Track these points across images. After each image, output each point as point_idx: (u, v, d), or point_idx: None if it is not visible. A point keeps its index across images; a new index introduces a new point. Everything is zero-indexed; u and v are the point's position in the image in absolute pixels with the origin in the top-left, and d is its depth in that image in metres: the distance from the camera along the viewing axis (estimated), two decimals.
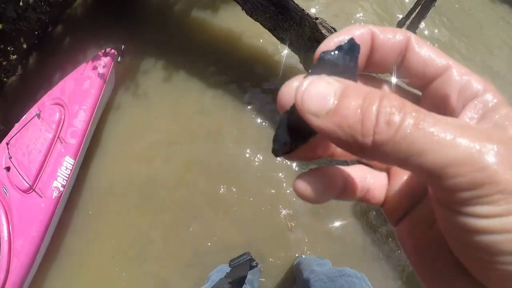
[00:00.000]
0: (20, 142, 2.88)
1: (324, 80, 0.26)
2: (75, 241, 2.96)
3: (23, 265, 2.66)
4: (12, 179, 2.78)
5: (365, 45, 0.31)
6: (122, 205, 2.97)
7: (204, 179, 2.88)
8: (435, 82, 0.31)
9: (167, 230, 2.82)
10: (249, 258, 2.10)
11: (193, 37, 3.35)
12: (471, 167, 0.20)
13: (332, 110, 0.24)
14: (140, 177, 3.00)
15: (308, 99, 0.25)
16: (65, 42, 3.68)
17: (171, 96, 3.20)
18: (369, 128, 0.23)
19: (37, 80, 3.40)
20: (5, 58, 3.68)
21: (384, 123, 0.22)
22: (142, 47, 3.40)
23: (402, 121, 0.22)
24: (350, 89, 0.24)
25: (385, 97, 0.23)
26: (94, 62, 3.03)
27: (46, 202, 2.73)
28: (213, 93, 3.13)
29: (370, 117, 0.23)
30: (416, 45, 0.31)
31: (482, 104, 0.28)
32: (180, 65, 3.27)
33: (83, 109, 2.88)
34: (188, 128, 3.07)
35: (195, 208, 2.82)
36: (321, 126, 0.24)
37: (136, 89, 3.27)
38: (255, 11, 2.56)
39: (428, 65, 0.30)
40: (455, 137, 0.21)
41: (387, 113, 0.22)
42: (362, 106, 0.23)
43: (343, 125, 0.24)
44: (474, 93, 0.28)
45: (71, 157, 2.82)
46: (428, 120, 0.22)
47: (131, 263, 2.80)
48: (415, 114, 0.22)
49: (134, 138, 3.16)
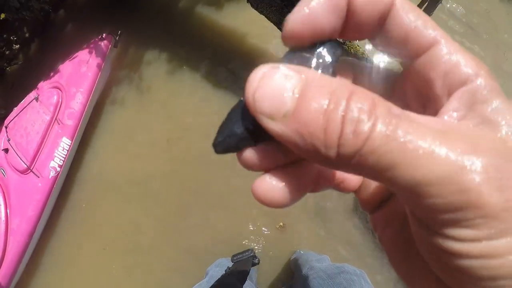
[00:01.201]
0: (18, 125, 2.93)
1: (281, 71, 0.21)
2: (69, 229, 3.02)
3: (20, 244, 2.69)
4: (10, 161, 2.83)
5: (342, 8, 0.25)
6: (116, 196, 3.01)
7: (203, 173, 2.89)
8: (418, 59, 0.26)
9: (160, 223, 2.84)
10: (252, 254, 2.09)
11: (197, 33, 3.36)
12: (451, 187, 0.17)
13: (290, 113, 0.20)
14: (135, 170, 3.03)
15: (260, 97, 0.21)
16: (66, 30, 3.74)
17: (172, 90, 3.22)
18: (333, 139, 0.19)
19: (38, 68, 3.45)
20: (8, 48, 3.75)
21: (350, 133, 0.19)
22: (145, 38, 3.42)
23: (372, 130, 0.19)
24: (312, 85, 0.21)
25: (353, 95, 0.20)
26: (91, 47, 3.07)
27: (43, 182, 2.76)
28: (216, 90, 3.13)
29: (334, 124, 0.19)
30: (400, 9, 0.25)
31: (471, 94, 0.23)
32: (183, 59, 3.28)
33: (80, 91, 2.92)
34: (188, 123, 3.09)
35: (191, 201, 2.84)
36: (277, 132, 0.21)
37: (138, 81, 3.30)
38: (260, 3, 2.52)
39: (412, 36, 0.25)
40: (434, 150, 0.18)
41: (354, 120, 0.19)
42: (326, 110, 0.20)
43: (302, 133, 0.20)
44: (463, 79, 0.24)
45: (68, 137, 2.85)
46: (403, 126, 0.19)
47: (124, 254, 2.85)
48: (387, 119, 0.19)
49: (131, 130, 3.18)
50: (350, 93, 0.20)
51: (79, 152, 3.11)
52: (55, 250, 2.96)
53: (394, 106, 0.20)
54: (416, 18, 0.25)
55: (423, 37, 0.25)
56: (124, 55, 3.41)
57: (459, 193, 0.17)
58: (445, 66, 0.24)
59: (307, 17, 0.24)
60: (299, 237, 2.57)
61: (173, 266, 2.71)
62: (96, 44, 3.07)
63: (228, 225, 2.70)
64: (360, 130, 0.19)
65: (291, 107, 0.20)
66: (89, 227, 2.98)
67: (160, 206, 2.89)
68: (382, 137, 0.18)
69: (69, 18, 3.80)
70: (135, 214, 2.91)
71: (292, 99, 0.20)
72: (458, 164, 0.18)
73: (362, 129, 0.19)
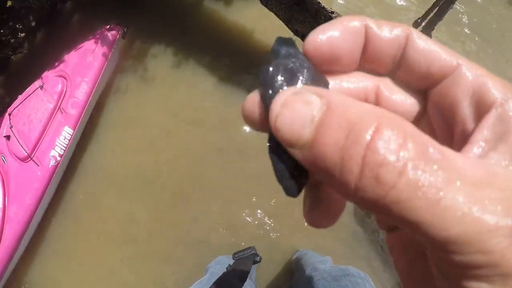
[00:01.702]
0: (22, 113, 2.90)
1: (302, 98, 0.21)
2: (66, 219, 2.99)
3: (15, 232, 2.66)
4: (11, 148, 2.80)
5: (358, 40, 0.25)
6: (114, 187, 3.00)
7: (204, 167, 2.88)
8: (441, 84, 0.25)
9: (158, 215, 2.84)
10: (254, 252, 2.07)
11: (205, 27, 3.35)
12: (476, 248, 0.17)
13: (308, 144, 0.20)
14: (134, 162, 3.01)
15: (281, 126, 0.21)
16: (73, 20, 3.71)
17: (176, 83, 3.21)
18: (349, 180, 0.18)
19: (44, 57, 3.41)
20: (13, 36, 3.72)
21: (370, 179, 0.17)
22: (152, 31, 3.41)
23: (399, 177, 0.17)
24: (332, 114, 0.19)
25: (379, 132, 0.18)
26: (98, 36, 3.05)
27: (43, 170, 2.73)
28: (220, 84, 3.13)
29: (351, 165, 0.18)
30: (417, 39, 0.25)
31: (501, 121, 0.22)
32: (189, 53, 3.27)
33: (85, 81, 2.89)
34: (189, 116, 3.08)
35: (190, 194, 2.83)
36: (300, 159, 0.20)
37: (143, 73, 3.28)
38: (270, 0, 2.53)
39: (433, 61, 0.25)
40: (466, 209, 0.17)
41: (378, 163, 0.17)
42: (344, 145, 0.18)
43: (319, 166, 0.19)
44: (490, 102, 0.22)
45: (70, 127, 2.82)
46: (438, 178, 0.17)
47: (120, 245, 2.84)
48: (421, 165, 0.17)
49: (133, 122, 3.17)
50: (377, 124, 0.18)
51: (80, 142, 3.08)
52: (51, 240, 2.93)
53: (431, 143, 0.18)
54: (434, 44, 0.25)
55: (444, 60, 0.25)
56: (130, 47, 3.38)
57: (483, 253, 0.17)
58: (471, 88, 0.23)
59: (324, 43, 0.25)
60: (300, 237, 2.55)
61: (170, 258, 2.70)
62: (104, 34, 3.06)
63: (228, 218, 2.69)
64: (384, 177, 0.17)
65: (308, 138, 0.20)
66: (86, 217, 2.95)
67: (158, 198, 2.87)
68: (411, 189, 0.17)
69: (76, 8, 3.77)
70: (133, 206, 2.89)
71: (310, 130, 0.20)
72: (487, 226, 0.17)
73: (387, 177, 0.17)
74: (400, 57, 0.26)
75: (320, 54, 0.25)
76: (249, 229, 2.63)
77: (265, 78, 0.24)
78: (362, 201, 0.18)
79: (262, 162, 2.72)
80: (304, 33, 2.52)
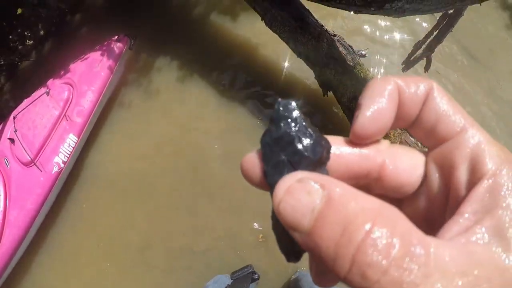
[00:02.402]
0: (26, 117, 2.92)
1: (305, 188, 0.22)
2: (66, 226, 2.99)
3: (15, 236, 2.67)
4: (14, 152, 2.81)
5: (394, 102, 0.27)
6: (116, 197, 3.01)
7: (205, 180, 2.92)
8: (444, 144, 0.27)
9: (158, 226, 2.85)
10: (251, 271, 2.08)
11: (210, 41, 3.42)
12: None
13: (307, 232, 0.21)
14: (137, 173, 3.04)
15: (284, 212, 0.22)
16: (81, 31, 3.77)
17: (179, 97, 3.27)
18: (340, 271, 0.20)
19: (50, 66, 3.44)
20: (21, 43, 3.77)
21: (358, 275, 0.19)
22: (158, 44, 3.47)
23: (381, 277, 0.19)
24: (331, 208, 0.21)
25: (371, 233, 0.19)
26: (106, 47, 3.11)
27: (45, 176, 2.75)
28: (222, 99, 3.18)
29: (343, 261, 0.20)
30: (436, 94, 0.27)
31: (490, 194, 0.23)
32: (193, 67, 3.33)
33: (91, 90, 2.94)
34: (192, 129, 3.13)
35: (192, 207, 2.86)
36: (299, 241, 0.22)
37: (147, 86, 3.33)
38: (274, 22, 2.59)
39: (441, 121, 0.27)
40: None
41: (366, 264, 0.19)
42: (339, 241, 0.20)
43: (315, 253, 0.21)
44: (484, 172, 0.24)
45: (75, 135, 2.86)
46: (416, 276, 0.19)
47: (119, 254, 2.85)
48: (404, 264, 0.19)
49: (136, 133, 3.20)
50: (371, 224, 0.20)
51: (83, 150, 3.10)
52: (50, 247, 2.92)
53: (417, 239, 0.20)
54: (448, 105, 0.27)
55: (452, 123, 0.26)
56: (136, 60, 3.45)
57: None
58: (470, 153, 0.25)
59: (375, 116, 0.27)
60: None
61: (169, 271, 2.71)
62: (111, 44, 3.12)
63: (229, 234, 2.71)
64: (369, 275, 0.19)
65: (307, 227, 0.21)
66: (86, 225, 2.96)
67: (160, 210, 2.89)
68: (393, 285, 0.19)
69: (85, 20, 3.84)
70: (134, 216, 2.92)
71: (310, 219, 0.21)
72: None
73: (372, 275, 0.19)
74: (419, 111, 0.28)
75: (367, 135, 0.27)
76: (249, 245, 2.65)
77: (265, 149, 0.26)
78: (351, 285, 0.20)
79: None
80: (307, 54, 2.58)
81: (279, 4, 2.54)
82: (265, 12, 2.60)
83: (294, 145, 0.25)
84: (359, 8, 2.10)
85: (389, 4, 1.94)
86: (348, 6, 2.14)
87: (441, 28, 2.53)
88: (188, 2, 3.65)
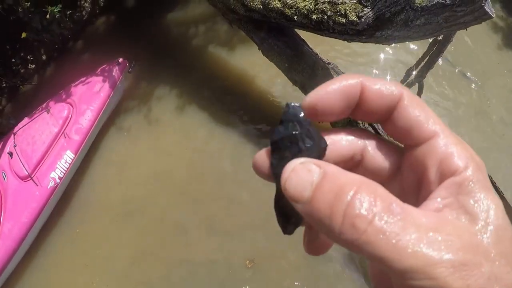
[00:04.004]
0: (26, 133, 3.03)
1: (306, 167, 0.28)
2: (59, 243, 3.04)
3: (7, 248, 2.70)
4: (13, 166, 2.89)
5: (354, 96, 0.31)
6: (108, 220, 3.07)
7: (202, 209, 3.00)
8: (416, 148, 0.31)
9: (148, 252, 2.91)
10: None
11: (209, 71, 3.57)
12: (425, 275, 0.22)
13: (308, 201, 0.26)
14: (131, 198, 3.12)
15: (289, 187, 0.27)
16: (82, 57, 3.93)
17: (179, 125, 3.39)
18: (335, 227, 0.24)
19: (51, 90, 3.53)
20: (23, 66, 3.90)
21: (349, 226, 0.24)
22: (158, 72, 3.63)
23: (367, 227, 0.23)
24: (326, 181, 0.26)
25: (359, 190, 0.25)
26: (106, 69, 3.26)
27: (41, 191, 2.82)
28: (221, 129, 3.29)
29: (337, 216, 0.24)
30: (407, 102, 0.31)
31: (458, 184, 0.28)
32: (193, 96, 3.47)
33: (90, 109, 3.06)
34: (189, 158, 3.23)
35: (183, 235, 2.93)
36: (301, 212, 0.27)
37: (147, 112, 3.46)
38: (270, 51, 2.68)
39: (414, 128, 0.30)
40: (418, 248, 0.22)
41: (354, 215, 0.24)
42: (333, 203, 0.25)
43: (315, 217, 0.26)
44: (454, 169, 0.28)
45: (72, 152, 2.95)
46: (396, 225, 0.23)
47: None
48: (385, 216, 0.23)
49: (133, 159, 3.31)
50: (356, 188, 0.25)
51: (79, 171, 3.19)
52: (42, 260, 2.94)
53: (395, 201, 0.25)
54: (421, 112, 0.30)
55: (425, 129, 0.30)
56: (136, 87, 3.60)
57: (431, 280, 0.22)
58: (440, 157, 0.29)
59: (321, 99, 0.31)
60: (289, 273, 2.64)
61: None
62: (112, 66, 3.27)
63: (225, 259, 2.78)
64: (358, 225, 0.23)
65: (308, 197, 0.26)
66: (78, 244, 3.00)
67: (150, 236, 2.96)
68: (376, 232, 0.23)
69: (86, 46, 4.00)
70: (123, 238, 2.98)
71: (310, 191, 0.26)
72: (433, 260, 0.22)
73: (360, 225, 0.23)
74: (390, 113, 0.31)
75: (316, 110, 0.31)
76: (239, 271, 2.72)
77: (273, 146, 0.31)
78: (344, 242, 0.24)
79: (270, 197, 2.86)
80: (303, 83, 2.66)
81: (276, 34, 2.65)
82: (262, 42, 2.70)
83: (297, 145, 0.30)
84: (351, 36, 2.19)
85: (379, 32, 2.03)
86: (341, 35, 2.22)
87: (431, 54, 2.62)
88: (187, 33, 3.84)
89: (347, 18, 2.07)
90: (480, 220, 0.26)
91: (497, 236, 0.25)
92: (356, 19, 2.04)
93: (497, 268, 0.24)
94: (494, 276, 0.23)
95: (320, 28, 2.24)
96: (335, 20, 2.12)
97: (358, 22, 2.03)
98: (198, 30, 3.81)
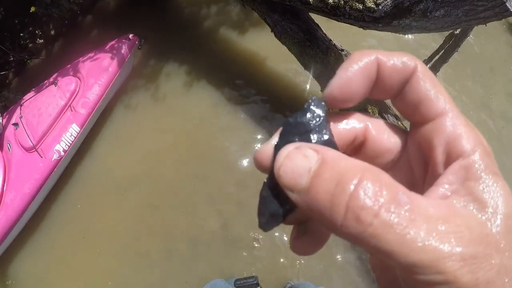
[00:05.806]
0: (33, 105, 3.00)
1: (302, 152, 0.25)
2: (59, 215, 3.03)
3: (8, 218, 2.70)
4: (18, 137, 2.87)
5: (373, 75, 0.29)
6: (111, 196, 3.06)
7: (205, 186, 2.97)
8: (426, 125, 0.29)
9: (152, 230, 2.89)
10: (256, 282, 2.06)
11: (219, 51, 3.54)
12: (434, 270, 0.21)
13: (305, 189, 0.24)
14: (135, 175, 3.10)
15: (284, 174, 0.25)
16: (91, 33, 3.89)
17: (185, 103, 3.35)
18: (337, 219, 0.22)
19: (59, 66, 3.52)
20: (31, 41, 3.88)
21: (353, 219, 0.22)
22: (168, 49, 3.59)
23: (374, 217, 0.21)
24: (325, 167, 0.24)
25: (363, 179, 0.22)
26: (116, 44, 3.23)
27: (45, 162, 2.80)
28: (228, 107, 3.26)
29: (339, 208, 0.22)
30: (420, 76, 0.28)
31: (465, 169, 0.26)
32: (202, 74, 3.43)
33: (98, 83, 3.03)
34: (194, 136, 3.20)
35: (189, 213, 2.89)
36: (296, 201, 0.25)
37: (155, 90, 3.44)
38: (283, 34, 2.64)
39: (423, 103, 0.28)
40: (426, 241, 0.21)
41: (359, 207, 0.22)
42: (333, 192, 0.22)
43: (313, 208, 0.23)
44: (460, 152, 0.26)
45: (78, 125, 2.92)
46: (405, 217, 0.21)
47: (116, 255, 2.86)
48: (392, 207, 0.22)
49: (138, 135, 3.27)
50: (360, 176, 0.23)
51: (83, 145, 3.17)
52: (42, 234, 2.94)
53: (401, 190, 0.23)
54: (432, 87, 0.28)
55: (433, 106, 0.28)
56: (145, 64, 3.57)
57: (440, 274, 0.21)
58: (447, 137, 0.27)
59: (344, 83, 0.29)
60: (298, 267, 2.60)
61: (160, 277, 2.72)
62: (121, 42, 3.23)
63: (227, 240, 2.75)
64: (363, 218, 0.21)
65: (305, 184, 0.24)
66: (79, 217, 2.99)
67: (152, 211, 2.94)
68: (384, 226, 0.21)
69: (95, 21, 3.97)
70: (126, 212, 2.96)
71: (307, 178, 0.24)
72: (444, 254, 0.21)
73: (365, 218, 0.21)
74: (403, 88, 0.29)
75: (341, 93, 0.29)
76: (249, 253, 2.69)
77: (285, 127, 0.29)
78: (347, 235, 0.22)
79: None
80: (314, 68, 2.62)
81: (289, 17, 2.61)
82: (275, 24, 2.67)
83: (308, 136, 0.28)
84: (367, 24, 2.14)
85: (397, 21, 1.99)
86: (357, 22, 2.18)
87: (447, 48, 2.57)
88: (199, 13, 3.79)
89: (364, 4, 2.03)
90: (489, 207, 0.24)
91: (506, 225, 0.24)
92: (373, 6, 1.99)
93: (507, 260, 0.22)
94: (504, 268, 0.22)
95: (336, 13, 2.20)
96: (352, 6, 2.07)
97: (376, 9, 1.99)
98: (210, 11, 3.75)
